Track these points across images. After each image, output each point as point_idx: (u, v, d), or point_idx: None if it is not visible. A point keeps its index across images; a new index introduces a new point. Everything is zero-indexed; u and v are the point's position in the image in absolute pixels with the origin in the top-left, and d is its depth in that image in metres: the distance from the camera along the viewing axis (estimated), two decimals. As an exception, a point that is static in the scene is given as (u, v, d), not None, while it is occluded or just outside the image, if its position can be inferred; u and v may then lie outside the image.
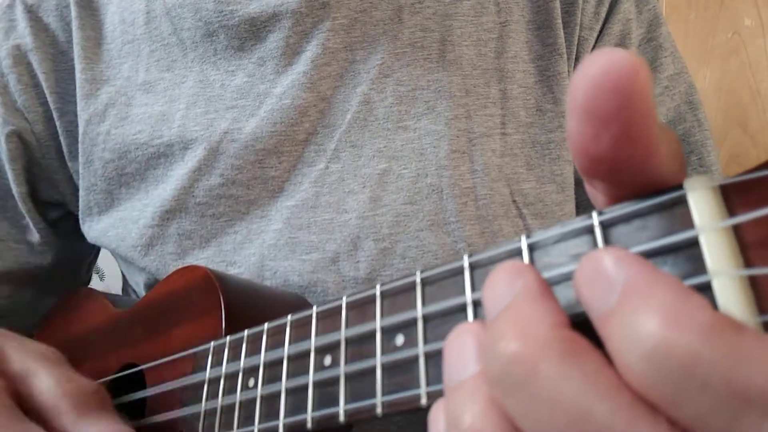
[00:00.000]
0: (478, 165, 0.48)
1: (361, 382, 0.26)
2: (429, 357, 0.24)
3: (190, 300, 0.40)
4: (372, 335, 0.26)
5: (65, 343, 0.52)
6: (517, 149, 0.49)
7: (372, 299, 0.27)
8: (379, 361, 0.25)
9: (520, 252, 0.22)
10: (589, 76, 0.17)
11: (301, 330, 0.30)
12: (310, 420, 0.28)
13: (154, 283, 0.51)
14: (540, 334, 0.17)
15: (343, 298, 0.28)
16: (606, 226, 0.20)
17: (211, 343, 0.36)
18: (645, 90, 0.16)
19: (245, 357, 0.32)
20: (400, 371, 0.24)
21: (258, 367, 0.31)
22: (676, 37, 0.94)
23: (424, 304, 0.24)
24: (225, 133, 0.49)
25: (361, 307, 0.27)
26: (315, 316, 0.29)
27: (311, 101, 0.48)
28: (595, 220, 0.20)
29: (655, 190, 0.19)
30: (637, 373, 0.15)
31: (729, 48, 0.88)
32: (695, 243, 0.17)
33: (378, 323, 0.26)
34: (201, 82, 0.51)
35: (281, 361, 0.30)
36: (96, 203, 0.53)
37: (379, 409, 0.25)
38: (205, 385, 0.35)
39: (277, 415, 0.29)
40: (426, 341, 0.24)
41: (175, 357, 0.38)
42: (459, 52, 0.50)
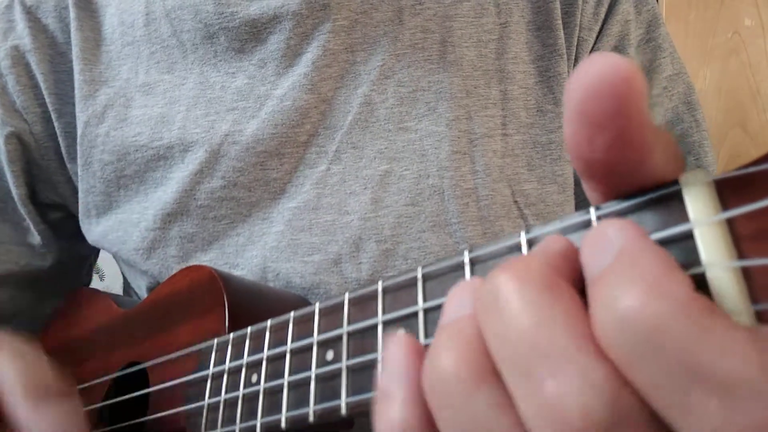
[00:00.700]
0: (479, 166, 0.48)
1: (362, 375, 0.26)
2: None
3: (194, 299, 0.40)
4: (374, 330, 0.26)
5: (70, 342, 0.52)
6: (518, 150, 0.49)
7: (374, 295, 0.27)
8: (381, 355, 0.25)
9: (519, 247, 0.22)
10: (585, 80, 0.17)
11: (303, 326, 0.30)
12: (312, 413, 0.28)
13: (156, 286, 0.51)
14: (527, 267, 0.18)
15: (346, 294, 0.28)
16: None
17: (215, 339, 0.36)
18: (639, 96, 0.17)
19: (248, 353, 0.33)
20: None
21: (261, 363, 0.32)
22: (676, 37, 0.94)
23: (425, 299, 0.25)
24: (226, 136, 0.49)
25: (363, 302, 0.27)
26: (318, 312, 0.29)
27: (312, 103, 0.48)
28: (592, 215, 0.20)
29: (651, 189, 0.19)
30: (607, 330, 0.16)
31: (729, 48, 0.88)
32: (690, 236, 0.18)
33: (380, 318, 0.26)
34: (201, 84, 0.51)
35: (284, 356, 0.30)
36: (94, 205, 0.53)
37: None
38: (209, 381, 0.35)
39: (279, 409, 0.29)
40: (427, 335, 0.24)
41: (179, 354, 0.38)
42: (459, 53, 0.50)
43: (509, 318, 0.18)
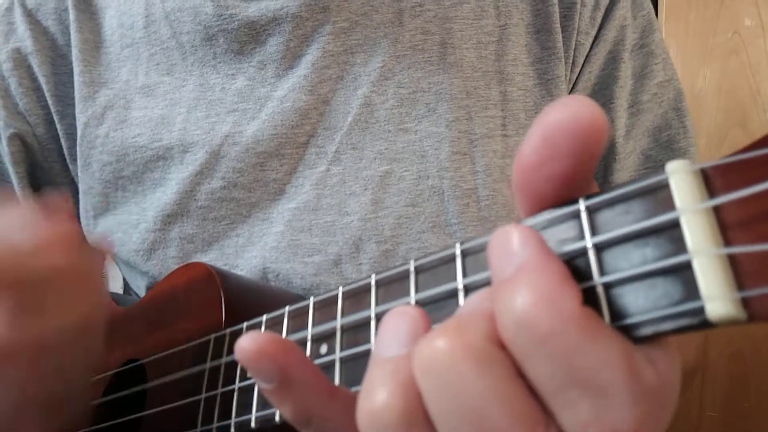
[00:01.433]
0: (479, 166, 0.48)
1: (355, 366, 0.27)
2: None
3: (191, 296, 0.41)
4: (367, 322, 0.27)
5: None
6: (517, 151, 0.49)
7: (367, 288, 0.27)
8: (373, 346, 0.26)
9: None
10: (561, 113, 0.19)
11: (298, 320, 0.30)
12: None
13: (155, 286, 0.52)
14: (465, 338, 0.19)
15: (340, 288, 0.29)
16: (591, 211, 0.20)
17: (212, 335, 0.36)
18: (599, 149, 0.19)
19: None
20: None
21: None
22: (676, 37, 0.94)
23: (417, 291, 0.25)
24: (226, 137, 0.49)
25: (357, 296, 0.28)
26: (312, 306, 0.30)
27: (312, 104, 0.49)
28: (581, 205, 0.20)
29: (639, 178, 0.20)
30: (507, 333, 0.18)
31: (729, 48, 0.88)
32: (676, 224, 0.18)
33: (373, 311, 0.27)
34: (201, 86, 0.51)
35: None
36: (93, 206, 0.53)
37: None
38: (206, 375, 0.35)
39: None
40: None
41: (176, 350, 0.38)
42: (459, 54, 0.50)
43: (445, 388, 0.19)
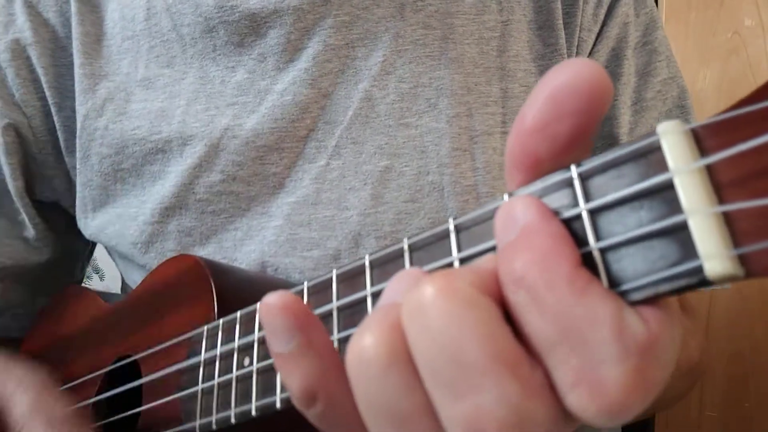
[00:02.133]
0: (479, 163, 0.48)
1: None
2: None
3: (181, 288, 0.40)
4: (363, 302, 0.26)
5: (59, 341, 0.52)
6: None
7: (362, 270, 0.27)
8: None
9: None
10: (567, 73, 0.19)
11: None
12: None
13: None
14: (451, 282, 0.20)
15: (333, 270, 0.28)
16: (584, 178, 0.20)
17: (205, 326, 0.36)
18: (600, 106, 0.19)
19: (239, 336, 0.32)
20: None
21: (252, 345, 0.31)
22: (676, 37, 0.94)
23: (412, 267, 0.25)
24: (226, 130, 0.48)
25: (352, 278, 0.27)
26: (306, 290, 0.30)
27: (312, 98, 0.48)
28: (573, 172, 0.20)
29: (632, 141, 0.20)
30: (505, 286, 0.20)
31: (729, 48, 0.88)
32: (670, 185, 0.18)
33: (368, 291, 0.26)
34: (201, 79, 0.51)
35: None
36: (91, 199, 0.53)
37: None
38: (201, 367, 0.35)
39: (273, 390, 0.29)
40: None
41: (169, 344, 0.38)
42: (461, 50, 0.49)
43: (428, 329, 0.19)
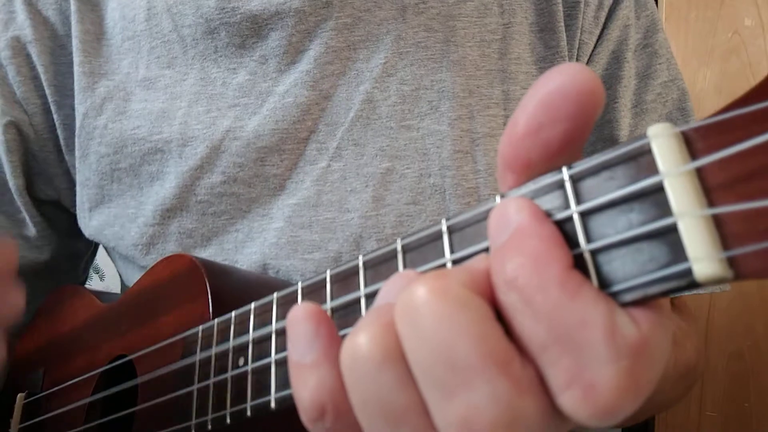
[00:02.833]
0: (481, 165, 0.48)
1: None
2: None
3: (176, 288, 0.40)
4: (357, 302, 0.26)
5: (54, 340, 0.52)
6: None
7: (355, 270, 0.27)
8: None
9: None
10: (560, 78, 0.20)
11: (287, 306, 0.30)
12: None
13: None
14: (443, 282, 0.20)
15: (327, 271, 0.28)
16: (576, 180, 0.20)
17: (200, 326, 0.36)
18: (595, 113, 0.20)
19: (234, 337, 0.33)
20: None
21: (247, 346, 0.31)
22: (677, 37, 0.94)
23: (405, 269, 0.25)
24: (227, 131, 0.48)
25: (345, 279, 0.27)
26: (300, 291, 0.30)
27: (314, 99, 0.48)
28: (565, 174, 0.20)
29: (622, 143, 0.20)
30: (497, 287, 0.20)
31: (729, 48, 0.88)
32: (660, 188, 0.18)
33: (362, 292, 0.26)
34: (202, 80, 0.51)
35: (269, 336, 0.30)
36: (88, 198, 0.53)
37: None
38: (196, 368, 0.35)
39: (268, 390, 0.29)
40: None
41: (164, 344, 0.38)
42: (462, 52, 0.49)
43: (420, 329, 0.19)
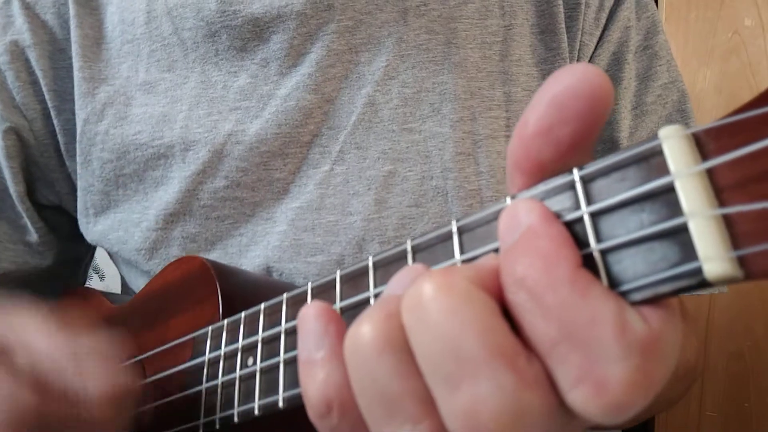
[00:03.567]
0: (483, 167, 0.48)
1: None
2: None
3: (186, 290, 0.40)
4: (366, 303, 0.27)
5: None
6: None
7: (365, 271, 0.27)
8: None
9: None
10: (569, 77, 0.20)
11: (297, 307, 0.30)
12: None
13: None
14: (449, 278, 0.20)
15: (337, 272, 0.28)
16: (586, 181, 0.20)
17: (209, 326, 0.36)
18: (606, 111, 0.20)
19: (243, 337, 0.33)
20: None
21: (256, 345, 0.32)
22: (677, 37, 0.94)
23: None
24: (229, 135, 0.48)
25: (355, 279, 0.28)
26: (310, 291, 0.30)
27: (316, 103, 0.48)
28: (575, 176, 0.21)
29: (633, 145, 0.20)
30: (506, 287, 0.20)
31: (729, 48, 0.88)
32: (671, 188, 0.18)
33: (372, 292, 0.26)
34: (203, 83, 0.50)
35: (278, 336, 0.30)
36: (92, 204, 0.53)
37: None
38: (205, 367, 0.35)
39: (276, 389, 0.29)
40: None
41: (173, 344, 0.38)
42: (464, 54, 0.49)
43: (427, 322, 0.20)
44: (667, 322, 0.19)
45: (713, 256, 0.17)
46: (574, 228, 0.20)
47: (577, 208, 0.20)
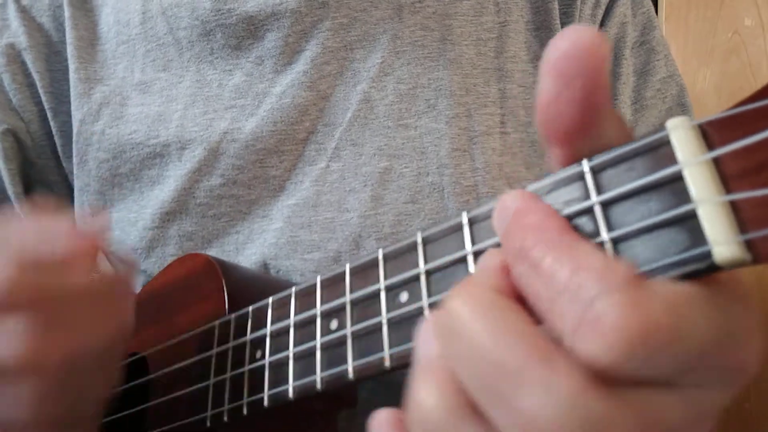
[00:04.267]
0: (479, 163, 0.48)
1: (367, 339, 0.27)
2: (434, 308, 0.25)
3: (191, 286, 0.41)
4: (376, 295, 0.27)
5: None
6: (516, 148, 0.49)
7: (375, 263, 0.28)
8: (384, 318, 0.26)
9: None
10: (560, 44, 0.20)
11: (305, 300, 0.30)
12: (319, 381, 0.28)
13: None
14: (470, 292, 0.21)
15: (347, 265, 0.29)
16: (596, 172, 0.21)
17: (216, 321, 0.36)
18: (601, 60, 0.20)
19: (251, 330, 0.33)
20: (406, 325, 0.26)
21: (264, 339, 0.32)
22: (677, 37, 0.94)
23: (426, 261, 0.26)
24: (225, 133, 0.48)
25: (365, 271, 0.28)
26: (319, 284, 0.30)
27: (311, 100, 0.48)
28: (585, 166, 0.21)
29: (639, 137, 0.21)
30: (512, 266, 0.21)
31: (729, 48, 0.88)
32: (679, 177, 0.19)
33: (382, 284, 0.27)
34: (198, 82, 0.51)
35: (287, 330, 0.31)
36: (89, 204, 0.53)
37: (387, 362, 0.26)
38: (213, 361, 0.35)
39: (286, 380, 0.30)
40: (430, 294, 0.25)
41: (179, 339, 0.38)
42: (459, 51, 0.49)
43: (467, 342, 0.20)
44: (678, 284, 0.18)
45: (722, 240, 0.18)
46: (584, 218, 0.21)
47: (587, 198, 0.21)
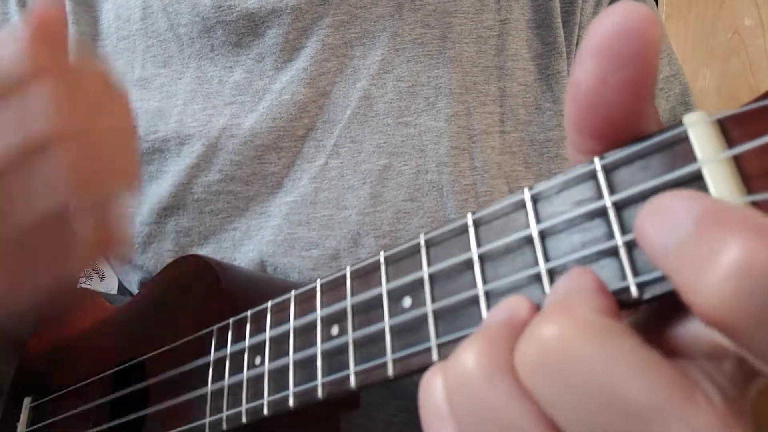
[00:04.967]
0: (478, 162, 0.47)
1: (370, 346, 0.26)
2: (438, 315, 0.24)
3: (188, 289, 0.40)
4: (379, 300, 0.26)
5: (64, 343, 0.52)
6: (515, 147, 0.49)
7: (376, 266, 0.27)
8: (387, 324, 0.25)
9: (523, 204, 0.22)
10: (611, 21, 0.17)
11: (305, 304, 0.30)
12: (320, 388, 0.27)
13: (148, 281, 0.51)
14: (576, 315, 0.17)
15: (347, 268, 0.28)
16: (609, 170, 0.20)
17: (214, 326, 0.35)
18: (658, 42, 0.18)
19: (250, 336, 0.32)
20: (409, 332, 0.24)
21: (263, 344, 0.31)
22: (677, 37, 0.94)
23: (429, 264, 0.24)
24: (223, 129, 0.48)
25: (366, 275, 0.27)
26: (319, 288, 0.29)
27: (311, 97, 0.48)
28: (597, 165, 0.20)
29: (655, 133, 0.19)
30: (720, 293, 0.14)
31: (729, 48, 0.88)
32: (699, 176, 0.18)
33: (384, 288, 0.26)
34: (198, 78, 0.50)
35: (287, 335, 0.30)
36: None
37: (390, 371, 0.25)
38: (211, 368, 0.34)
39: (286, 386, 0.29)
40: (434, 300, 0.24)
41: (176, 344, 0.38)
42: (459, 49, 0.49)
43: (570, 380, 0.16)
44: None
45: None
46: (596, 219, 0.20)
47: (600, 198, 0.20)
